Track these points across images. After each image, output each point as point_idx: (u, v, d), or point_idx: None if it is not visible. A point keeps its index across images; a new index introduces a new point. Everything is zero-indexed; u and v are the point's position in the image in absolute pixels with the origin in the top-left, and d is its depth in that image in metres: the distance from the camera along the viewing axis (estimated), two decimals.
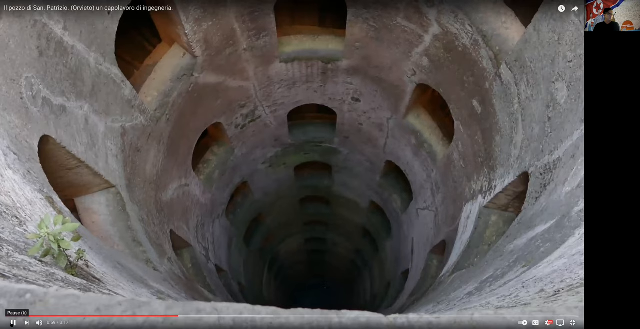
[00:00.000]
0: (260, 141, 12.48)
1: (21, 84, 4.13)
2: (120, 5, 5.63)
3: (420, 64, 8.20)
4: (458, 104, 7.90)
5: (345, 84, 10.40)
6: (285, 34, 9.48)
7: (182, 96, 8.10)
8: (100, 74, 5.62)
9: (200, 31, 7.34)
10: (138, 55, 7.85)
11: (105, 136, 5.97)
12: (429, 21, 7.07)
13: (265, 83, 10.06)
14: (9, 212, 2.92)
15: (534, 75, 5.38)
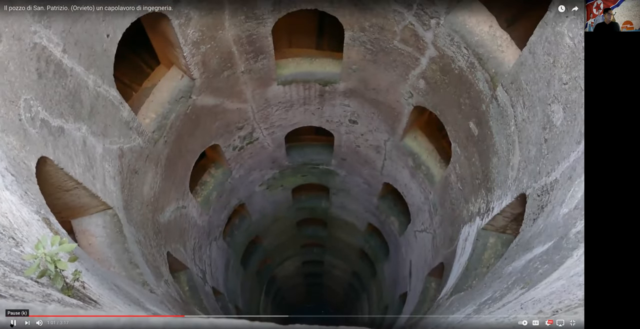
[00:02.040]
0: (258, 162, 12.49)
1: (20, 106, 4.14)
2: (119, 30, 5.68)
3: (417, 86, 8.25)
4: (455, 126, 7.93)
5: (343, 106, 10.45)
6: (283, 56, 9.55)
7: (180, 118, 8.13)
8: (98, 96, 5.64)
9: (198, 54, 7.39)
10: (136, 77, 7.90)
11: (103, 157, 5.97)
12: (425, 44, 7.13)
13: (262, 105, 10.10)
14: (5, 233, 2.91)
15: (530, 97, 5.42)
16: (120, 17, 5.55)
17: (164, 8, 5.52)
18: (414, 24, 6.96)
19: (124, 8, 5.08)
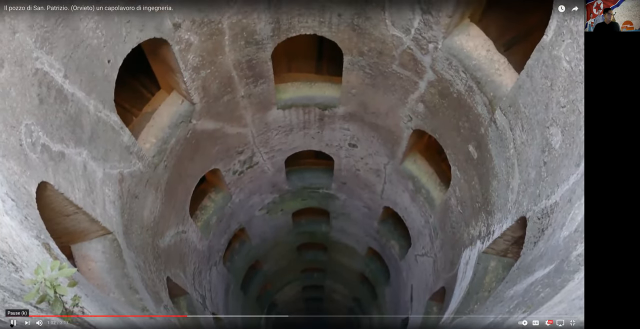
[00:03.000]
0: (258, 187, 12.48)
1: (21, 131, 4.16)
2: (120, 55, 5.74)
3: (416, 110, 8.30)
4: (454, 149, 7.95)
5: (342, 130, 10.49)
6: (282, 81, 9.61)
7: (180, 143, 8.15)
8: (99, 121, 5.67)
9: (198, 79, 7.45)
10: (137, 102, 7.94)
11: (103, 182, 5.97)
12: (424, 68, 7.19)
13: (262, 129, 10.14)
14: (5, 258, 2.90)
15: (528, 120, 5.44)
16: (122, 43, 5.61)
17: (163, 8, 5.47)
18: (412, 49, 7.03)
19: (124, 8, 5.06)
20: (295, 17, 7.26)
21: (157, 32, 6.07)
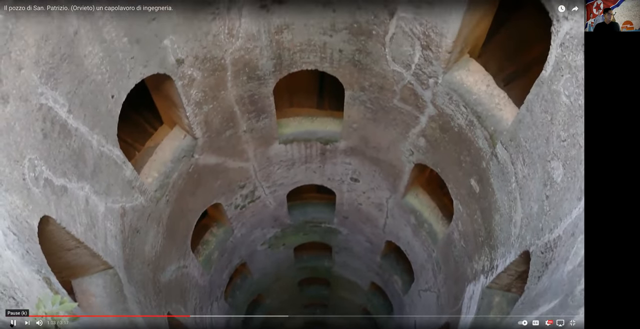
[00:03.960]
0: (260, 221, 12.45)
1: (24, 166, 4.18)
2: (124, 91, 5.80)
3: (418, 144, 8.33)
4: (456, 183, 7.95)
5: (344, 164, 10.51)
6: (284, 115, 9.68)
7: (182, 177, 8.17)
8: (102, 155, 5.70)
9: (201, 113, 7.51)
10: (140, 137, 7.98)
11: (105, 216, 5.97)
12: (425, 103, 7.25)
13: (264, 164, 10.17)
14: (6, 292, 2.89)
15: (529, 154, 5.46)
16: (125, 79, 5.68)
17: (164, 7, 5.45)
18: (412, 84, 7.10)
19: (125, 8, 5.04)
20: (296, 53, 7.35)
21: (161, 68, 6.15)
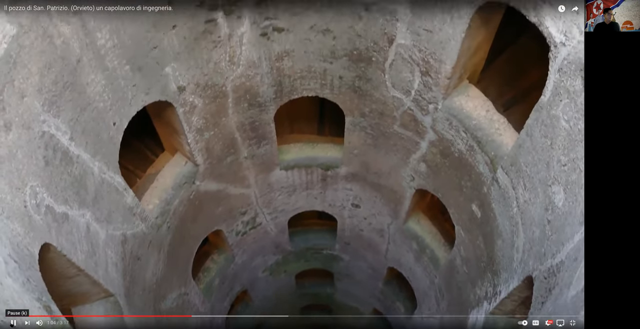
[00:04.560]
0: (261, 248, 12.40)
1: (26, 193, 4.19)
2: (125, 118, 5.84)
3: (418, 169, 8.34)
4: (457, 208, 7.94)
5: (345, 190, 10.51)
6: (285, 142, 9.71)
7: (183, 204, 8.17)
8: (103, 182, 5.71)
9: (202, 140, 7.53)
10: (141, 164, 8.01)
11: (106, 244, 5.95)
12: (425, 128, 7.27)
13: (265, 190, 10.17)
14: (6, 320, 2.87)
15: (530, 179, 5.46)
16: (127, 106, 5.72)
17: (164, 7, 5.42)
18: (412, 109, 7.13)
19: (126, 7, 5.00)
20: (297, 80, 7.41)
21: (162, 95, 6.20)
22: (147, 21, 5.26)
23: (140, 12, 5.06)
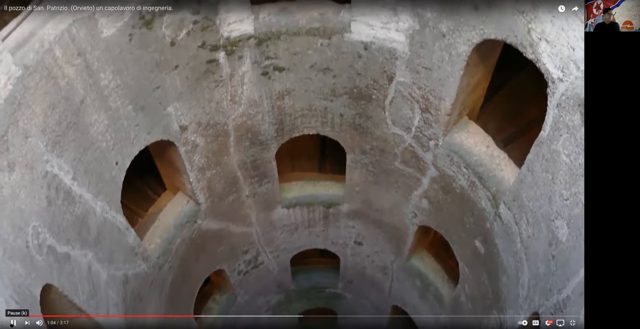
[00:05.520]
0: (263, 287, 12.28)
1: (28, 233, 4.19)
2: (128, 158, 5.87)
3: (420, 206, 8.32)
4: (460, 244, 7.90)
5: (347, 227, 10.47)
6: (287, 180, 9.72)
7: (185, 243, 8.14)
8: (105, 222, 5.71)
9: (204, 179, 7.55)
10: (143, 203, 8.02)
11: (107, 284, 5.91)
12: (426, 164, 7.29)
13: (267, 228, 10.13)
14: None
15: (533, 214, 5.45)
16: (130, 146, 5.76)
17: (163, 7, 5.25)
18: (413, 146, 7.17)
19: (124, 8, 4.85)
20: (298, 118, 7.47)
21: (165, 135, 6.24)
22: (150, 61, 5.34)
23: (144, 53, 5.15)
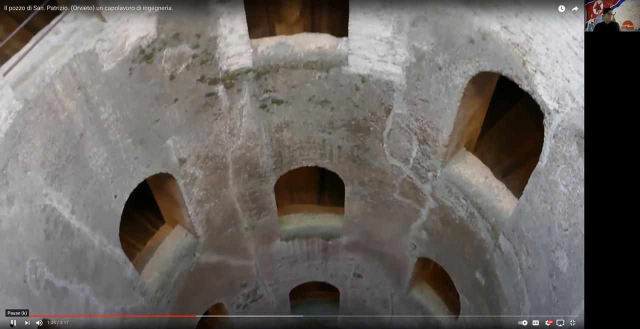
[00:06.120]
0: (263, 321, 12.14)
1: (26, 267, 4.16)
2: (127, 191, 5.88)
3: (420, 237, 8.30)
4: (461, 276, 7.85)
5: (347, 260, 10.41)
6: (285, 212, 9.70)
7: (184, 276, 8.08)
8: (103, 255, 5.68)
9: (202, 212, 7.54)
10: (141, 237, 7.98)
11: (105, 319, 5.85)
12: (424, 196, 7.30)
13: (266, 261, 10.07)
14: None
15: (532, 244, 5.44)
16: (129, 178, 5.77)
17: (164, 7, 5.05)
18: (411, 177, 7.18)
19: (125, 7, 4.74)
20: (296, 150, 7.50)
21: (164, 167, 6.26)
22: (149, 95, 5.39)
23: (144, 87, 5.20)
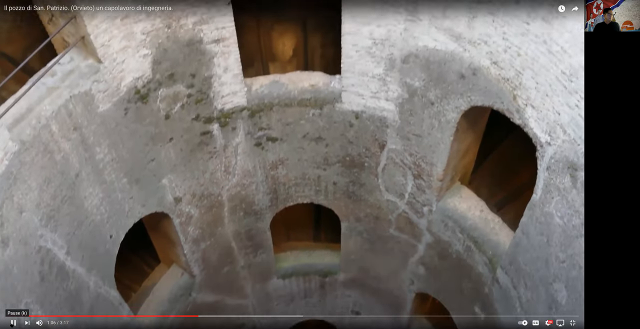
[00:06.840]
0: None
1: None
2: (122, 230, 5.85)
3: (417, 272, 8.25)
4: (460, 311, 7.78)
5: (344, 297, 10.31)
6: (282, 250, 9.66)
7: (179, 319, 7.97)
8: (98, 297, 5.62)
9: (198, 251, 7.50)
10: (136, 277, 7.92)
11: None
12: (421, 231, 7.29)
13: (263, 300, 9.97)
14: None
15: (530, 277, 5.42)
16: (124, 218, 5.75)
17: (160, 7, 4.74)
18: (407, 212, 7.19)
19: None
20: (292, 187, 7.52)
21: (159, 207, 6.25)
22: (145, 134, 5.42)
23: (139, 127, 5.24)
